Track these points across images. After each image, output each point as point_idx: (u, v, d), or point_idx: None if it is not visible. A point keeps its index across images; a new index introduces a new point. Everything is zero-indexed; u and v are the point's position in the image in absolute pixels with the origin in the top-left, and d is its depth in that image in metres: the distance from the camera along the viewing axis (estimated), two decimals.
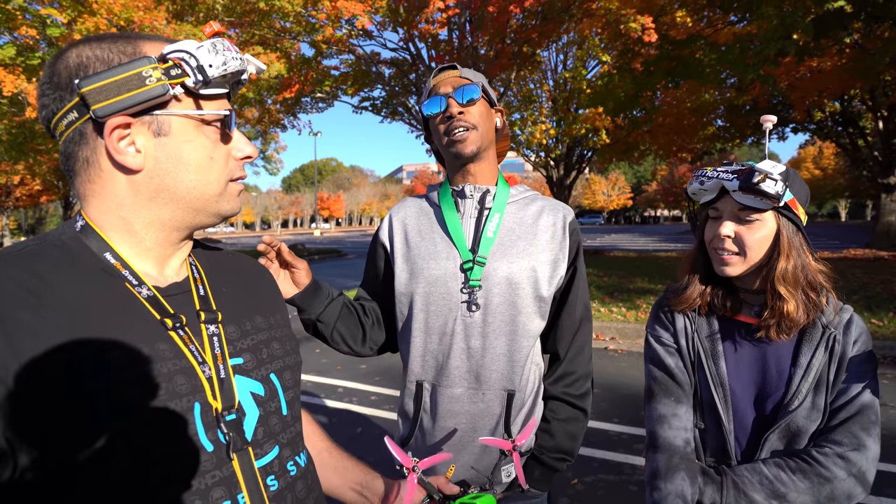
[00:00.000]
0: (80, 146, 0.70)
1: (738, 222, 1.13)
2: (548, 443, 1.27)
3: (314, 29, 9.70)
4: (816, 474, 1.03)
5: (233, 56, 0.71)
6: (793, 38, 7.34)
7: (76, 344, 0.61)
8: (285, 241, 2.06)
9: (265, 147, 20.84)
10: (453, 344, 1.22)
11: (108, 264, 0.70)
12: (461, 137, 1.23)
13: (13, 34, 10.25)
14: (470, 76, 1.28)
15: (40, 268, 0.64)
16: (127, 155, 0.68)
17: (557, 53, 14.87)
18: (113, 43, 0.69)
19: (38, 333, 0.59)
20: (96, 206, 0.72)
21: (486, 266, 1.22)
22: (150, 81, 0.66)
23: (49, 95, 0.69)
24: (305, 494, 0.80)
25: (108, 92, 0.65)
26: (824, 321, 1.11)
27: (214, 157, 0.74)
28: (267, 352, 0.81)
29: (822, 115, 16.97)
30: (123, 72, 0.65)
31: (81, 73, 0.67)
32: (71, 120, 0.68)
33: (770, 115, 1.20)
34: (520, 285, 1.22)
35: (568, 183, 16.27)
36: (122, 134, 0.68)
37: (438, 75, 1.30)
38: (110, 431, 0.59)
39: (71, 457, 0.58)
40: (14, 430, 0.56)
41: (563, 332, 1.29)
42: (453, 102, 1.24)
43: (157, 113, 0.69)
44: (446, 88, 1.26)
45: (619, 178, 62.73)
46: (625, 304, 7.55)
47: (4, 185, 24.46)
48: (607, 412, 4.11)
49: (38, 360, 0.58)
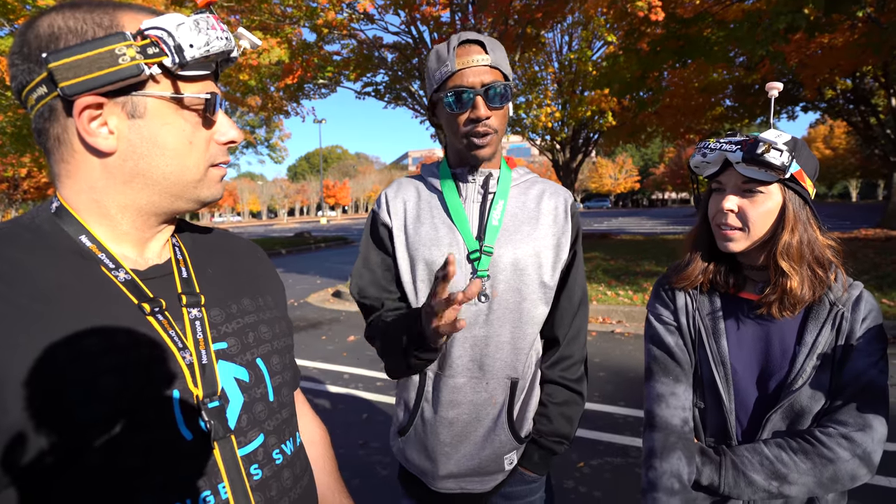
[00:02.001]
0: (50, 123, 0.66)
1: (741, 195, 1.08)
2: (545, 426, 1.25)
3: (315, 13, 9.58)
4: (819, 455, 1.00)
5: (217, 35, 0.67)
6: (803, 13, 7.14)
7: (48, 332, 0.59)
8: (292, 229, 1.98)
9: (269, 135, 20.79)
10: (457, 333, 1.17)
11: (84, 248, 0.67)
12: (483, 142, 1.15)
13: (14, 25, 10.21)
14: (500, 66, 1.15)
15: (11, 253, 0.62)
16: (98, 136, 0.65)
17: (562, 34, 14.62)
18: (89, 13, 0.65)
19: (9, 322, 0.57)
20: (70, 186, 0.69)
21: (493, 254, 1.18)
22: (124, 60, 0.62)
23: (18, 66, 0.65)
24: (292, 483, 0.78)
25: (78, 69, 0.61)
26: (832, 298, 1.07)
27: (194, 142, 0.70)
28: (254, 335, 0.79)
29: (833, 93, 16.67)
30: (95, 48, 0.61)
31: (52, 45, 0.63)
32: (41, 94, 0.64)
33: (776, 83, 1.15)
34: (525, 271, 1.19)
35: (574, 166, 16.11)
36: (94, 114, 0.64)
37: (463, 54, 1.13)
38: (84, 421, 0.58)
39: (46, 446, 0.56)
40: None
41: (561, 315, 1.27)
42: (481, 104, 1.12)
43: (133, 94, 0.65)
44: (475, 80, 1.12)
45: (626, 160, 62.16)
46: (631, 287, 7.51)
47: (12, 178, 24.62)
48: (613, 395, 4.09)
49: (9, 348, 0.56)
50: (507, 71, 1.17)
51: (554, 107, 12.71)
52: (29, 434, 0.55)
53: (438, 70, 1.16)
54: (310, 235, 22.43)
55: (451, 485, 1.23)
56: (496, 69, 1.15)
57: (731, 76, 13.82)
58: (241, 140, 0.77)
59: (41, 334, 0.58)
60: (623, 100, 12.29)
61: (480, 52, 1.14)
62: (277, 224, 55.36)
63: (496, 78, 1.14)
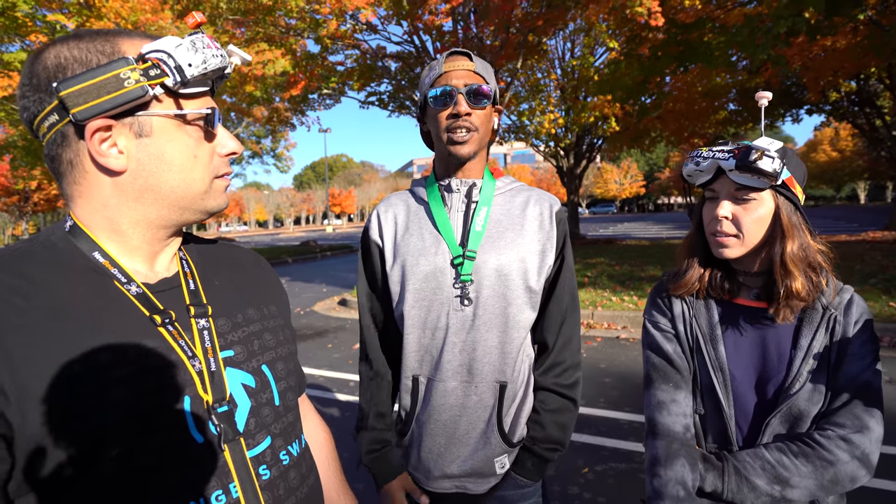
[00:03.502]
0: (63, 148, 0.70)
1: (735, 203, 1.10)
2: (539, 433, 1.27)
3: (318, 24, 9.70)
4: (819, 457, 1.02)
5: (213, 53, 0.71)
6: (804, 16, 7.16)
7: (63, 344, 0.61)
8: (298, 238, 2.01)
9: (275, 145, 20.96)
10: (446, 338, 1.22)
11: (97, 263, 0.70)
12: (462, 139, 1.20)
13: (24, 41, 10.39)
14: (484, 73, 1.23)
15: (29, 269, 0.65)
16: (109, 157, 0.69)
17: (564, 41, 14.72)
18: (91, 42, 0.68)
19: (26, 335, 0.60)
20: (83, 206, 0.72)
21: (476, 259, 1.22)
22: (129, 83, 0.66)
23: (29, 97, 0.69)
24: (298, 483, 0.81)
25: (87, 95, 0.65)
26: (824, 302, 1.09)
27: (198, 156, 0.74)
28: (259, 343, 0.82)
29: (837, 96, 16.63)
30: (101, 74, 0.65)
31: (60, 74, 0.67)
32: (52, 122, 0.68)
33: (765, 92, 1.17)
34: (510, 276, 1.21)
35: (579, 172, 16.15)
36: (104, 136, 0.68)
37: (451, 60, 1.23)
38: (101, 427, 0.61)
39: (64, 453, 0.59)
40: (8, 425, 0.57)
41: (551, 322, 1.28)
42: (462, 101, 1.19)
43: (139, 114, 0.69)
44: (458, 81, 1.20)
45: (631, 165, 62.03)
46: (636, 292, 7.50)
47: (22, 191, 24.91)
48: (618, 401, 4.09)
49: (26, 361, 0.59)
50: (491, 82, 1.24)
51: (557, 113, 12.77)
52: (48, 441, 0.58)
53: (428, 75, 1.25)
54: (315, 244, 22.53)
55: (447, 485, 1.27)
56: (480, 76, 1.22)
57: (733, 80, 13.84)
58: (241, 151, 0.81)
59: (57, 347, 0.61)
60: (626, 105, 12.31)
61: (467, 60, 1.23)
62: (283, 233, 55.64)
63: (477, 81, 1.22)
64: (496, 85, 1.26)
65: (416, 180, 1.38)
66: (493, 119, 1.30)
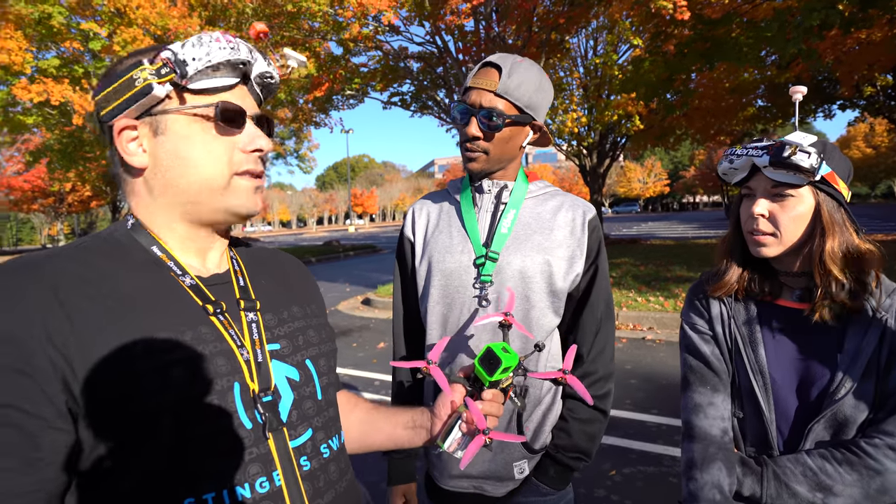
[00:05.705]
0: (112, 152, 0.76)
1: (772, 200, 1.08)
2: (564, 441, 1.25)
3: (341, 27, 9.79)
4: (865, 466, 0.98)
5: (220, 46, 0.73)
6: (837, 9, 6.93)
7: (127, 328, 0.66)
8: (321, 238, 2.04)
9: (298, 146, 21.24)
10: (467, 338, 1.22)
11: (156, 257, 0.75)
12: (472, 157, 1.22)
13: (60, 48, 10.74)
14: (508, 93, 1.15)
15: (96, 260, 0.70)
16: (134, 155, 0.74)
17: (587, 39, 14.54)
18: (129, 58, 0.75)
19: (95, 318, 0.64)
20: (135, 204, 0.78)
21: (499, 261, 1.21)
22: (139, 83, 0.71)
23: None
24: (338, 476, 0.83)
25: (109, 98, 0.72)
26: (873, 304, 1.05)
27: (212, 151, 0.75)
28: (303, 339, 0.85)
29: (872, 90, 16.05)
30: (119, 78, 0.72)
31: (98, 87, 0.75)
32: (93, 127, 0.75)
33: (800, 86, 1.14)
34: (533, 279, 1.20)
35: (602, 171, 15.94)
36: (131, 136, 0.73)
37: (479, 75, 1.18)
38: (157, 406, 0.64)
39: (121, 429, 0.62)
40: (74, 400, 0.61)
41: (584, 331, 1.27)
42: (474, 124, 1.17)
43: (155, 112, 0.73)
44: (477, 99, 1.16)
45: (654, 164, 61.00)
46: (662, 293, 7.38)
47: (58, 192, 25.76)
48: (645, 403, 4.03)
49: (94, 340, 0.63)
50: (518, 99, 1.16)
51: (580, 112, 12.62)
52: (108, 414, 0.62)
53: (465, 83, 1.25)
54: (338, 244, 22.76)
55: (464, 484, 1.27)
56: (502, 97, 1.16)
57: (762, 76, 13.46)
58: (269, 148, 0.81)
59: (122, 330, 0.66)
60: (650, 103, 12.10)
61: (495, 76, 1.16)
62: (307, 233, 56.34)
63: (494, 105, 1.15)
64: (532, 98, 1.18)
65: (452, 181, 1.39)
66: (519, 137, 1.23)
